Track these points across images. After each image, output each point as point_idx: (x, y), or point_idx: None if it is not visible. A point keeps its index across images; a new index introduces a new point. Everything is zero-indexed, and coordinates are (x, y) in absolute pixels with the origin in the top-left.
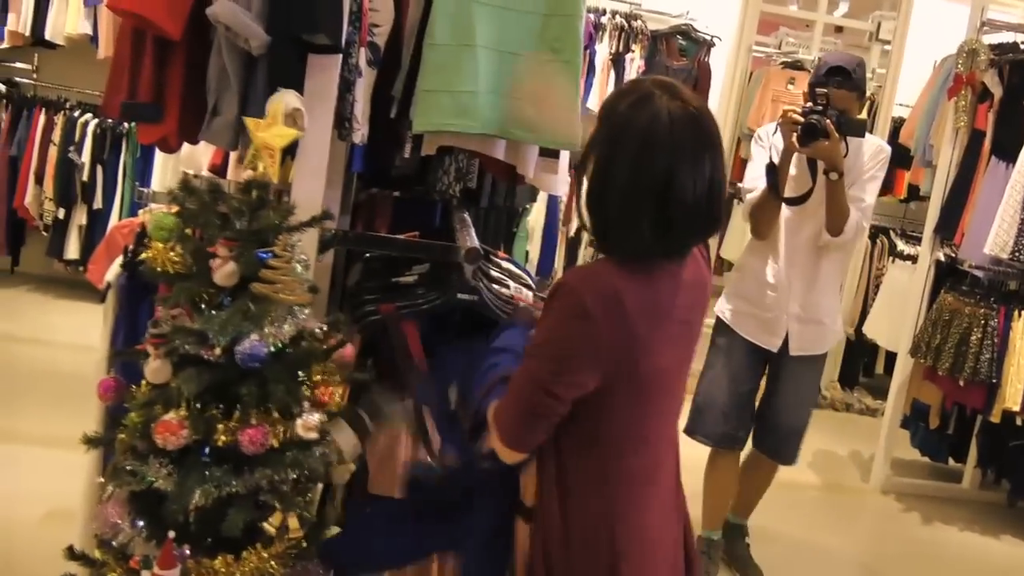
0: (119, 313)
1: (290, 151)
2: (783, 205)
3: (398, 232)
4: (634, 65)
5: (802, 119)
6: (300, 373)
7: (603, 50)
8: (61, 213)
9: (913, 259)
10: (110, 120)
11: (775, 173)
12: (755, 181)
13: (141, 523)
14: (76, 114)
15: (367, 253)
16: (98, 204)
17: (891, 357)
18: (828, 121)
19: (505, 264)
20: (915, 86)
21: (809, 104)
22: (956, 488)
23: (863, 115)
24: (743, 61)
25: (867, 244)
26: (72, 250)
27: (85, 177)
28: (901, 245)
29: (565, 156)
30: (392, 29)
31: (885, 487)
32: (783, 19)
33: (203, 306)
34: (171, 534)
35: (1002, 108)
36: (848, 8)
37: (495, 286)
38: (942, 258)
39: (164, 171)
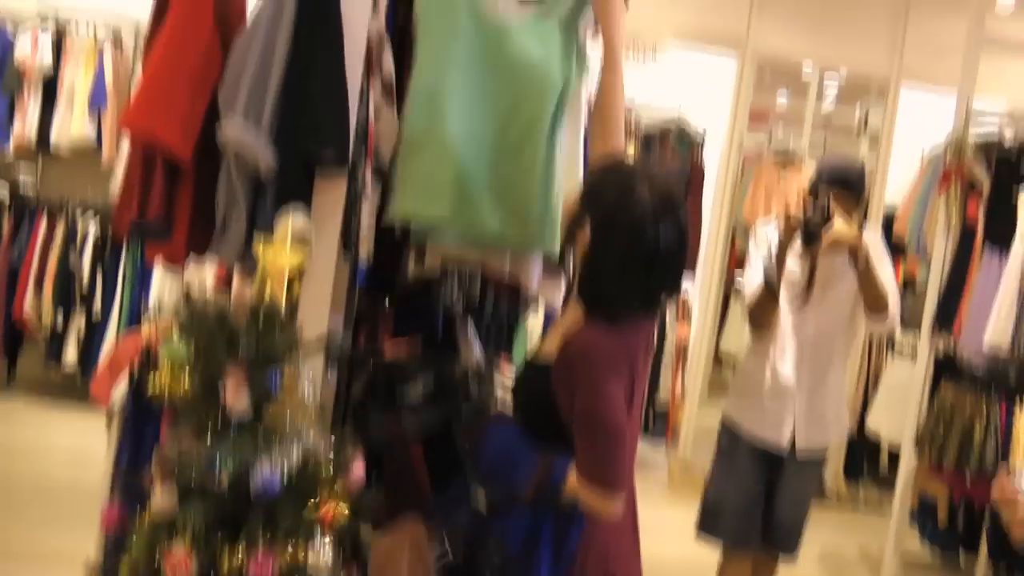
0: (124, 435)
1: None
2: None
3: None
4: None
5: (802, 221)
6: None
7: None
8: (60, 320)
9: (912, 351)
10: (111, 225)
11: (772, 269)
12: (754, 281)
13: None
14: (77, 220)
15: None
16: (97, 310)
17: (896, 450)
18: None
19: (509, 372)
20: (906, 174)
21: (809, 209)
22: None
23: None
24: (735, 155)
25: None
26: (70, 357)
27: (85, 283)
28: (899, 337)
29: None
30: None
31: None
32: (772, 111)
33: (211, 432)
34: None
35: (992, 200)
36: (835, 99)
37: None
38: (941, 350)
39: (164, 278)
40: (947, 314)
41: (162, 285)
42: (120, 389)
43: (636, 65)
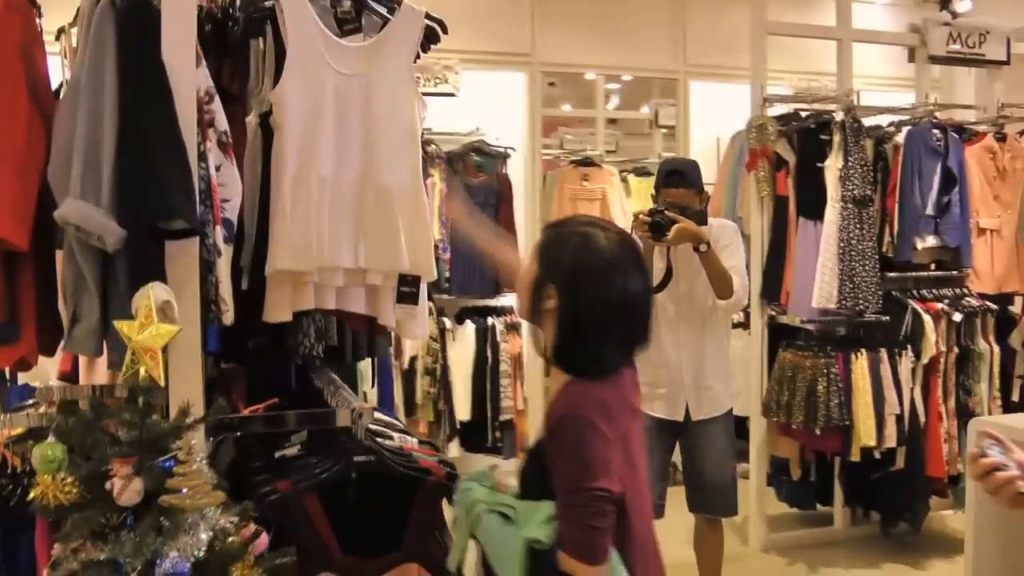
0: None
1: None
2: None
3: (256, 402)
4: (436, 189)
5: (649, 219)
6: None
7: None
8: None
9: (744, 325)
10: None
11: None
12: None
13: None
14: None
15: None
16: None
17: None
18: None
19: (377, 414)
20: (705, 162)
21: (653, 206)
22: (831, 531)
23: (702, 207)
24: (537, 166)
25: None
26: None
27: None
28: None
29: (423, 299)
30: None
31: (765, 546)
32: (563, 119)
33: (107, 532)
34: None
35: (799, 173)
36: (620, 100)
37: (379, 439)
38: (772, 319)
39: None
40: (772, 285)
41: None
42: None
43: (432, 93)
